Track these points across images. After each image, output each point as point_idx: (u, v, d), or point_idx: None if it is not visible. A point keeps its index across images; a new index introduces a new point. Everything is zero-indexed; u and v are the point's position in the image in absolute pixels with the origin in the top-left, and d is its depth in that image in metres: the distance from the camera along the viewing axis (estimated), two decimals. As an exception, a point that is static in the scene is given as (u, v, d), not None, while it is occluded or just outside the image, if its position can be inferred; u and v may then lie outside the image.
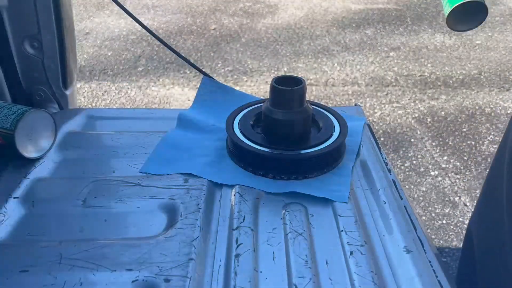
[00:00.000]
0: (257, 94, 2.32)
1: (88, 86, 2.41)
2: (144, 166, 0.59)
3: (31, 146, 0.58)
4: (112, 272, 0.42)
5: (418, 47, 2.82)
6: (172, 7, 3.54)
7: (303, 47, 2.82)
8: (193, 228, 0.48)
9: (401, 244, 0.47)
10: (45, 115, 0.61)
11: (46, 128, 0.60)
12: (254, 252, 0.46)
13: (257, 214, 0.51)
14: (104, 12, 3.40)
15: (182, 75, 2.51)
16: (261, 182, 0.56)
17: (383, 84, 2.41)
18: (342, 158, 0.61)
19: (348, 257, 0.45)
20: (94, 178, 0.56)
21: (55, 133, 0.61)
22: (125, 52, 2.78)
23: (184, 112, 0.70)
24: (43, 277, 0.42)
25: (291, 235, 0.48)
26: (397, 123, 2.06)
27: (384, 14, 3.32)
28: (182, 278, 0.42)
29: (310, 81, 2.42)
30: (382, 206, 0.53)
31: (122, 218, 0.50)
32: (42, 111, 0.61)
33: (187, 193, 0.54)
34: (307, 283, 0.42)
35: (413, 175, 1.75)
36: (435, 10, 3.42)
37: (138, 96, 2.32)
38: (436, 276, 0.44)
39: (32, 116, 0.58)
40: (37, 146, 0.59)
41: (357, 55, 2.72)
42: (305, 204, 0.53)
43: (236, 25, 3.19)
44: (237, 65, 2.62)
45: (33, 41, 0.73)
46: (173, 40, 2.96)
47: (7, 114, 0.56)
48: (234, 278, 0.42)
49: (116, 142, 0.65)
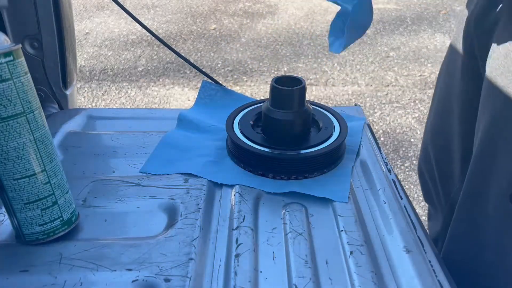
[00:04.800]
0: (257, 94, 2.32)
1: (88, 86, 2.41)
2: (144, 166, 0.59)
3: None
4: (112, 272, 0.42)
5: (418, 47, 2.82)
6: (172, 7, 3.55)
7: (303, 47, 2.82)
8: (193, 228, 0.48)
9: (401, 244, 0.47)
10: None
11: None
12: (254, 252, 0.46)
13: (257, 214, 0.51)
14: (104, 12, 3.40)
15: (182, 75, 2.51)
16: (261, 182, 0.56)
17: (383, 84, 2.41)
18: (342, 158, 0.61)
19: (348, 257, 0.45)
20: (94, 178, 0.57)
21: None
22: (125, 52, 2.79)
23: (184, 112, 0.70)
24: (43, 277, 0.42)
25: (291, 235, 0.48)
26: (397, 123, 2.06)
27: (384, 14, 3.32)
28: (182, 278, 0.42)
29: (310, 81, 2.42)
30: (382, 206, 0.53)
31: (122, 218, 0.50)
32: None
33: (187, 193, 0.54)
34: (307, 283, 0.42)
35: (413, 175, 1.75)
36: (435, 10, 3.42)
37: (138, 96, 2.32)
38: (436, 276, 0.44)
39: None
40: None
41: (357, 55, 2.72)
42: (305, 204, 0.53)
43: (236, 25, 3.19)
44: (237, 65, 2.62)
45: (33, 41, 0.73)
46: (173, 40, 2.96)
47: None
48: (234, 278, 0.42)
49: (116, 142, 0.65)
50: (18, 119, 0.41)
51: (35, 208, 0.44)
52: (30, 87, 0.42)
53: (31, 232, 0.45)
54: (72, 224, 0.47)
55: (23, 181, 0.42)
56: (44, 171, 0.43)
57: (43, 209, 0.44)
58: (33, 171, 0.43)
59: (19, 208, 0.43)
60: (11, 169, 0.42)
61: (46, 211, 0.45)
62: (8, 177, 0.42)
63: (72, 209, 0.47)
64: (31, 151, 0.42)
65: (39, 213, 0.44)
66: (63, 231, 0.46)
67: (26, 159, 0.42)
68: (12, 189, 0.43)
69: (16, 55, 0.40)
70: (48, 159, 0.44)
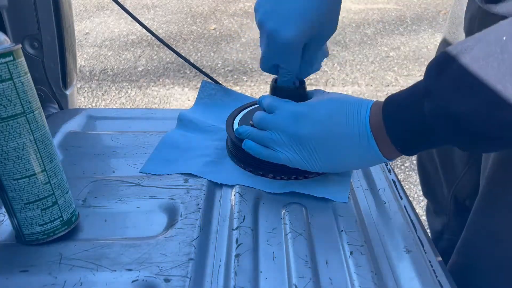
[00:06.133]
0: (257, 94, 2.32)
1: (88, 86, 2.41)
2: (144, 166, 0.59)
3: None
4: (112, 272, 0.42)
5: (418, 47, 2.82)
6: (172, 7, 3.55)
7: (303, 47, 2.82)
8: (193, 228, 0.48)
9: (401, 244, 0.47)
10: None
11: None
12: (254, 252, 0.46)
13: (257, 214, 0.51)
14: (104, 12, 3.40)
15: (182, 75, 2.51)
16: (261, 182, 0.56)
17: (383, 84, 2.41)
18: (342, 158, 0.61)
19: (348, 257, 0.45)
20: (94, 178, 0.57)
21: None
22: (125, 52, 2.79)
23: (184, 112, 0.70)
24: (43, 277, 0.42)
25: (291, 235, 0.48)
26: (397, 123, 2.06)
27: (384, 14, 3.33)
28: (182, 278, 0.42)
29: (310, 81, 2.42)
30: (382, 206, 0.53)
31: (122, 218, 0.50)
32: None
33: (187, 193, 0.54)
34: (307, 283, 0.42)
35: (413, 175, 1.75)
36: (435, 10, 3.43)
37: (138, 96, 2.32)
38: (436, 276, 0.44)
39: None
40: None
41: (357, 55, 2.72)
42: (305, 204, 0.53)
43: (236, 25, 3.19)
44: (237, 65, 2.62)
45: (33, 41, 0.73)
46: (173, 40, 2.96)
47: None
48: (234, 278, 0.42)
49: (116, 142, 0.65)
50: (18, 119, 0.41)
51: (35, 208, 0.44)
52: (30, 87, 0.42)
53: (31, 232, 0.45)
54: (72, 224, 0.47)
55: (23, 181, 0.42)
56: (44, 171, 0.43)
57: (43, 209, 0.44)
58: (33, 171, 0.43)
59: (19, 208, 0.43)
60: (11, 169, 0.42)
61: (46, 211, 0.45)
62: (8, 177, 0.42)
63: (72, 209, 0.47)
64: (31, 151, 0.42)
65: (39, 213, 0.44)
66: (63, 231, 0.46)
67: (26, 159, 0.42)
68: (12, 189, 0.43)
69: (16, 55, 0.40)
70: (48, 159, 0.44)
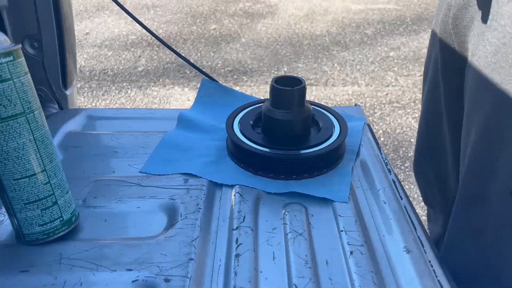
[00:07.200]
0: (257, 94, 2.32)
1: (88, 86, 2.41)
2: (144, 166, 0.59)
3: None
4: (112, 272, 0.42)
5: (418, 47, 2.82)
6: (172, 7, 3.55)
7: (303, 47, 2.82)
8: (193, 228, 0.48)
9: (401, 244, 0.47)
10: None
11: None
12: (254, 252, 0.46)
13: (257, 214, 0.51)
14: (104, 12, 3.40)
15: (182, 75, 2.51)
16: (261, 182, 0.56)
17: (383, 84, 2.41)
18: (342, 158, 0.61)
19: (348, 257, 0.45)
20: (94, 178, 0.57)
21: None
22: (125, 52, 2.79)
23: (184, 112, 0.70)
24: (43, 277, 0.42)
25: (291, 235, 0.48)
26: (397, 123, 2.06)
27: (384, 14, 3.32)
28: (182, 278, 0.42)
29: (310, 81, 2.42)
30: (382, 206, 0.53)
31: (122, 218, 0.50)
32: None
33: (187, 193, 0.54)
34: (307, 283, 0.42)
35: (413, 175, 1.75)
36: (435, 10, 3.42)
37: (138, 96, 2.32)
38: (436, 276, 0.44)
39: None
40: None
41: (357, 55, 2.72)
42: (305, 204, 0.53)
43: (236, 25, 3.19)
44: (237, 65, 2.62)
45: (33, 41, 0.73)
46: (173, 40, 2.96)
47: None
48: (234, 278, 0.42)
49: (116, 142, 0.65)
50: (18, 119, 0.41)
51: (35, 208, 0.44)
52: (30, 87, 0.42)
53: (31, 232, 0.45)
54: (72, 224, 0.47)
55: (23, 181, 0.42)
56: (44, 171, 0.43)
57: (43, 209, 0.44)
58: (33, 171, 0.43)
59: (19, 208, 0.43)
60: (11, 169, 0.42)
61: (46, 211, 0.45)
62: (8, 177, 0.42)
63: (72, 209, 0.47)
64: (31, 151, 0.42)
65: (39, 213, 0.44)
66: (63, 231, 0.46)
67: (26, 159, 0.42)
68: (12, 189, 0.42)
69: (16, 55, 0.40)
70: (48, 159, 0.44)
